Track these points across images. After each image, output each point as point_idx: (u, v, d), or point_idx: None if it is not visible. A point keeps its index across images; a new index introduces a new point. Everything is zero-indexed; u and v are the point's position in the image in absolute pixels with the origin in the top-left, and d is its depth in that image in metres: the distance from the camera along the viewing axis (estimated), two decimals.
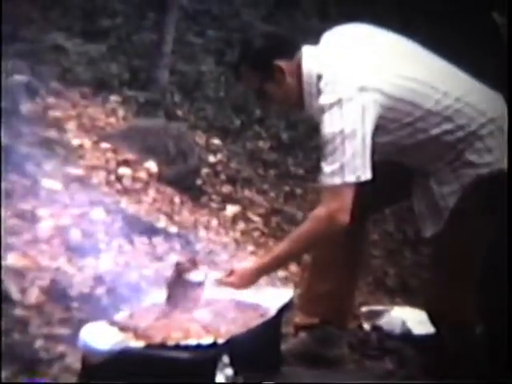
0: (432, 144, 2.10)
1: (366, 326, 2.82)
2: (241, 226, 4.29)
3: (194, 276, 2.10)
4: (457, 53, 2.23)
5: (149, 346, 1.81)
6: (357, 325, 2.83)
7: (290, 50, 2.17)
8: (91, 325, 1.94)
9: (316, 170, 6.62)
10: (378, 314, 2.89)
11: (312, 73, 2.11)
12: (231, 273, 2.16)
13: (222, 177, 4.94)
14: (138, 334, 1.86)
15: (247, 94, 6.57)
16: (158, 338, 1.84)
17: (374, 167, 2.03)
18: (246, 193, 4.92)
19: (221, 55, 6.73)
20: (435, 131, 2.08)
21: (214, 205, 4.43)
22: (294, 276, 3.63)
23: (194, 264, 2.14)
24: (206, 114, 5.84)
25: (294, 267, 3.75)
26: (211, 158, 5.06)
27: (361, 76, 2.04)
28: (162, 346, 1.82)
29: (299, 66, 2.14)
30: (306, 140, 6.45)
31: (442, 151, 2.10)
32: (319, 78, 2.08)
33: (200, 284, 2.11)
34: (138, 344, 1.82)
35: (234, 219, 4.34)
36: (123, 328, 1.91)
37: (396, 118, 2.07)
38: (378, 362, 2.54)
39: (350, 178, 2.00)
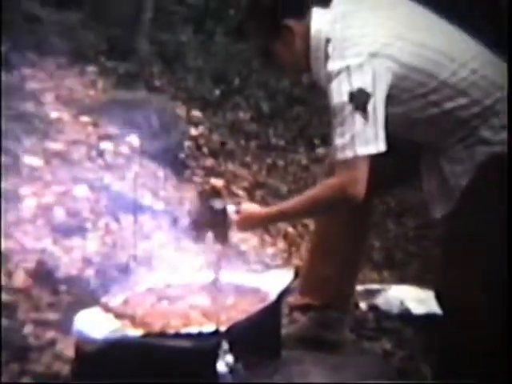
0: (444, 119, 1.99)
1: (363, 306, 2.76)
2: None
3: (217, 203, 2.12)
4: (473, 24, 2.11)
5: (147, 335, 1.74)
6: (353, 304, 2.77)
7: (301, 10, 2.05)
8: (85, 312, 1.87)
9: (296, 141, 6.50)
10: (374, 292, 2.84)
11: (320, 36, 1.99)
12: (237, 211, 2.13)
13: (205, 150, 4.85)
14: (135, 322, 1.80)
15: (226, 64, 6.45)
16: (157, 326, 1.78)
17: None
18: (229, 166, 4.84)
19: (200, 24, 6.58)
20: (449, 105, 1.97)
21: (197, 179, 4.34)
22: (281, 252, 3.57)
23: (216, 192, 2.22)
24: (186, 84, 5.71)
25: (281, 244, 3.70)
26: (193, 131, 4.95)
27: (372, 41, 1.92)
28: (162, 334, 1.75)
29: (308, 28, 2.02)
30: (286, 110, 6.37)
31: (454, 127, 2.00)
32: (327, 41, 1.97)
33: (224, 211, 2.11)
34: (136, 332, 1.75)
35: None
36: (119, 315, 1.84)
37: (409, 87, 1.96)
38: (376, 342, 2.50)
39: (362, 151, 1.89)
